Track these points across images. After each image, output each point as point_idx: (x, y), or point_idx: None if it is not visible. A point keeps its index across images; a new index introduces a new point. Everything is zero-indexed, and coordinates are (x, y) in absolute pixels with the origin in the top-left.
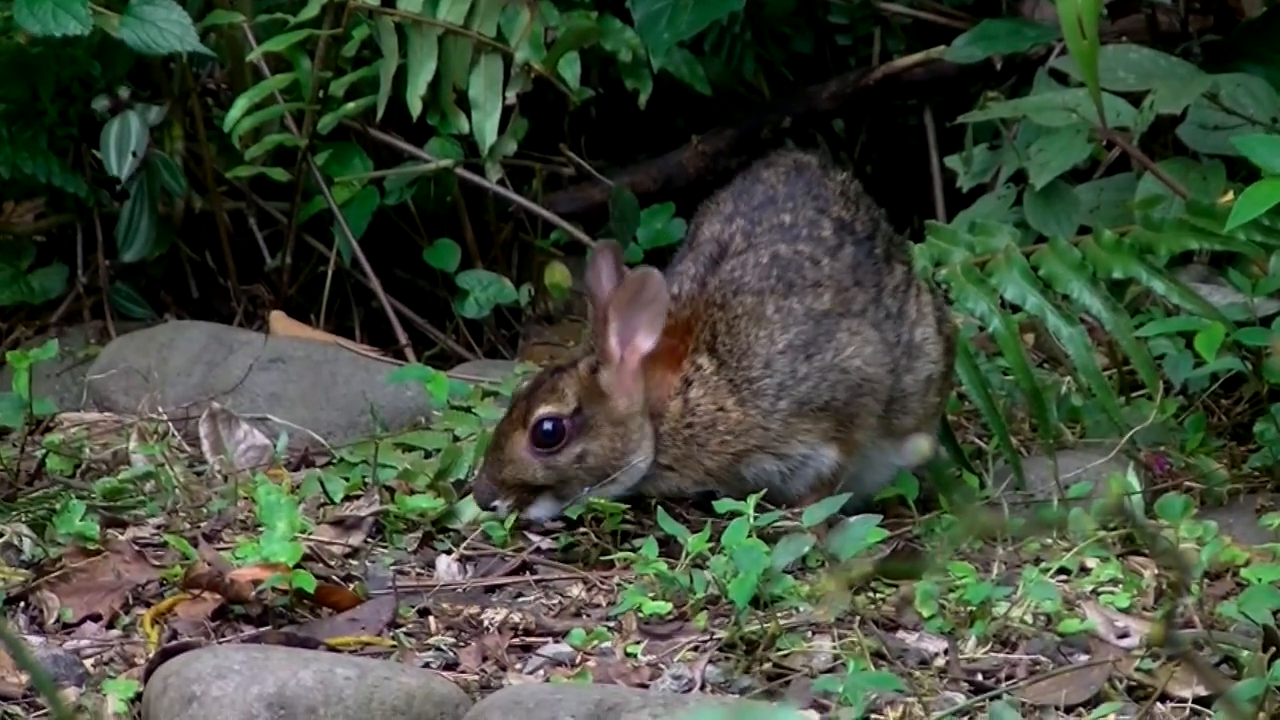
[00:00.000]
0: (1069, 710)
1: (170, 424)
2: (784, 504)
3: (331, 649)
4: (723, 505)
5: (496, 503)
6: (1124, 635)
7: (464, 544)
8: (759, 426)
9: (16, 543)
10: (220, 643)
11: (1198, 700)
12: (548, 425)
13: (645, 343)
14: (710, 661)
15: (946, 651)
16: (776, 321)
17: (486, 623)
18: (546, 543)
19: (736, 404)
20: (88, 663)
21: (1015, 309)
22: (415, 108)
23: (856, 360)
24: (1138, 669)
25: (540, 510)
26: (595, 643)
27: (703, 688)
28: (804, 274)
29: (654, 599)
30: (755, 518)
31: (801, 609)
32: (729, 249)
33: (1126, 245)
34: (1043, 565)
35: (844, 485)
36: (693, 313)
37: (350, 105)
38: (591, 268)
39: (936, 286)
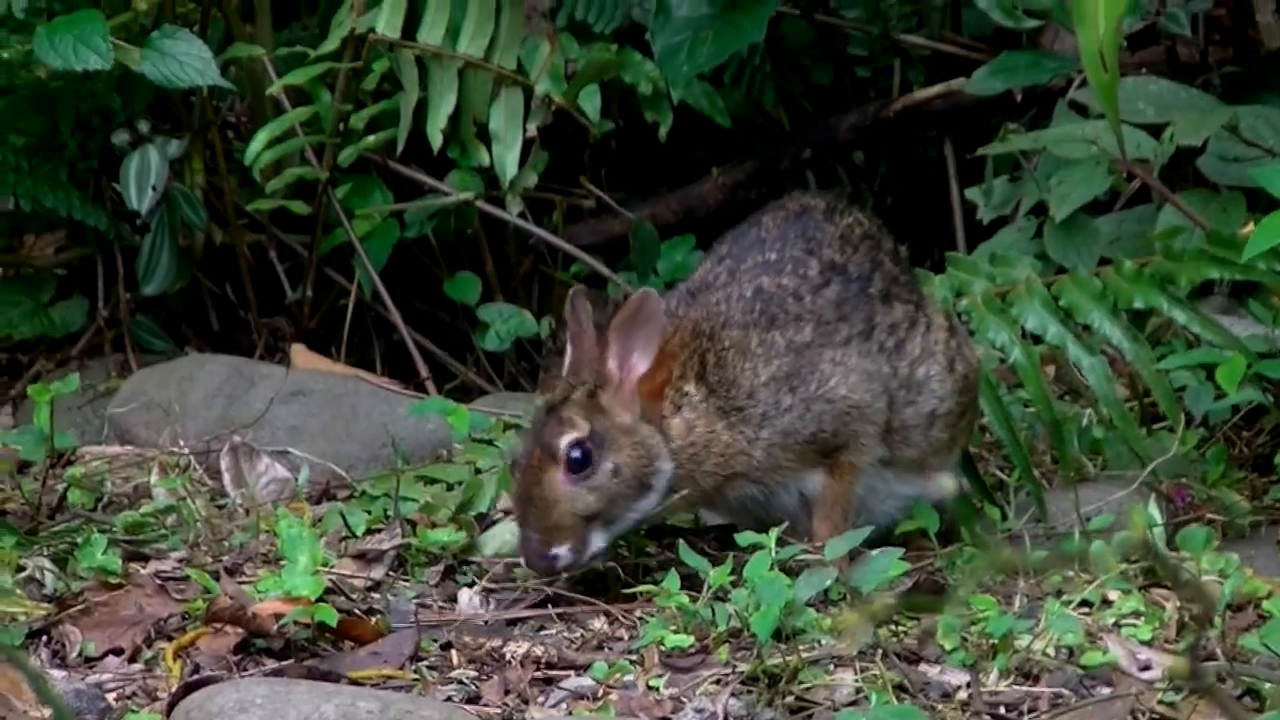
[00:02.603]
0: None
1: (191, 457)
2: (780, 525)
3: (354, 682)
4: (744, 538)
5: (556, 551)
6: (1146, 668)
7: (486, 577)
8: (744, 453)
9: (39, 576)
10: (242, 676)
11: None
12: (576, 452)
13: (641, 362)
14: (732, 694)
15: (969, 684)
16: (759, 354)
17: (509, 656)
18: (568, 576)
19: (726, 428)
20: (110, 697)
21: (1036, 340)
22: (436, 140)
23: (842, 389)
24: (1160, 702)
25: (598, 542)
26: (617, 676)
27: None
28: (785, 308)
29: (676, 632)
30: (777, 551)
31: (824, 642)
32: (713, 284)
33: (1147, 275)
34: (1065, 598)
35: (849, 513)
36: (678, 341)
37: (371, 138)
38: (572, 312)
39: (954, 329)
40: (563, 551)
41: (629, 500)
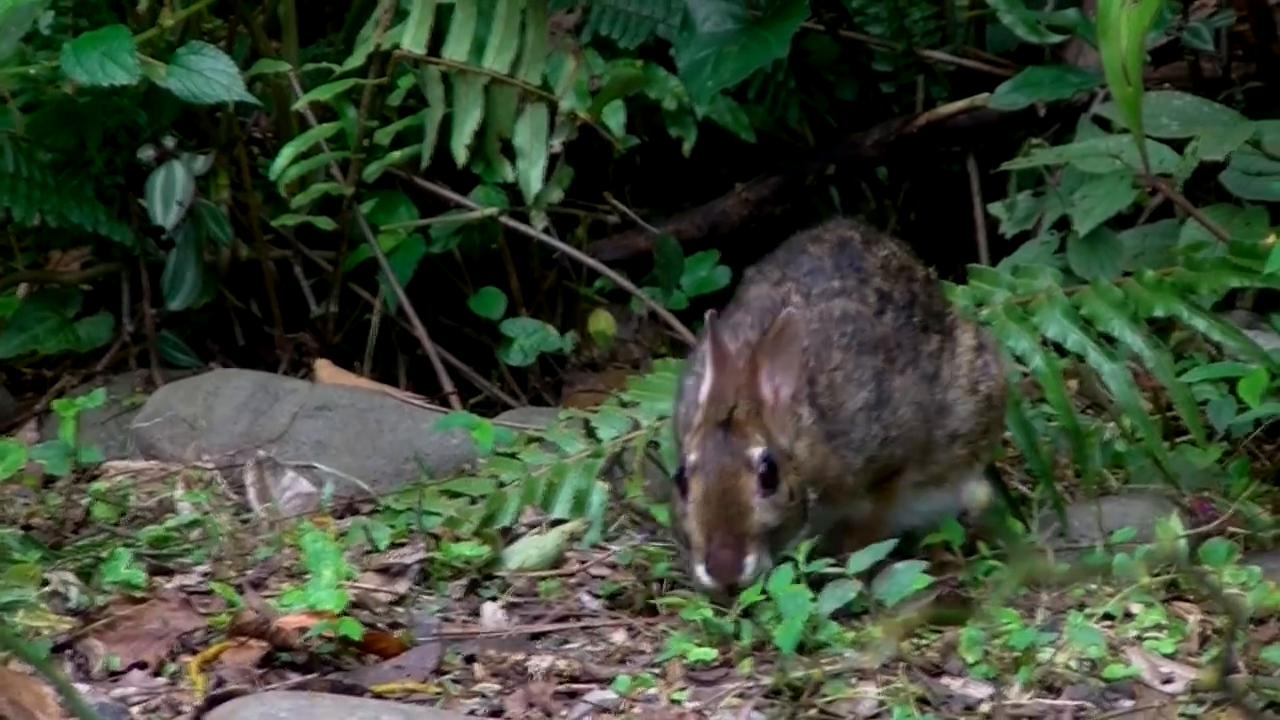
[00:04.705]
0: None
1: (216, 472)
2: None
3: (378, 696)
4: None
5: (747, 560)
6: (1169, 680)
7: (510, 591)
8: (842, 478)
9: (63, 591)
10: (267, 690)
11: None
12: (764, 466)
13: (789, 384)
14: (755, 708)
15: (992, 697)
16: (857, 378)
17: (532, 669)
18: (591, 589)
19: (832, 452)
20: (134, 711)
21: (1060, 351)
22: (461, 156)
23: (908, 414)
24: (1182, 714)
25: (769, 563)
26: (640, 689)
27: None
28: (866, 333)
29: (699, 645)
30: (800, 564)
31: (847, 655)
32: (788, 303)
33: (1168, 285)
34: (1087, 611)
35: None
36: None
37: (396, 154)
38: (710, 336)
39: (983, 346)
40: (751, 561)
41: (795, 525)
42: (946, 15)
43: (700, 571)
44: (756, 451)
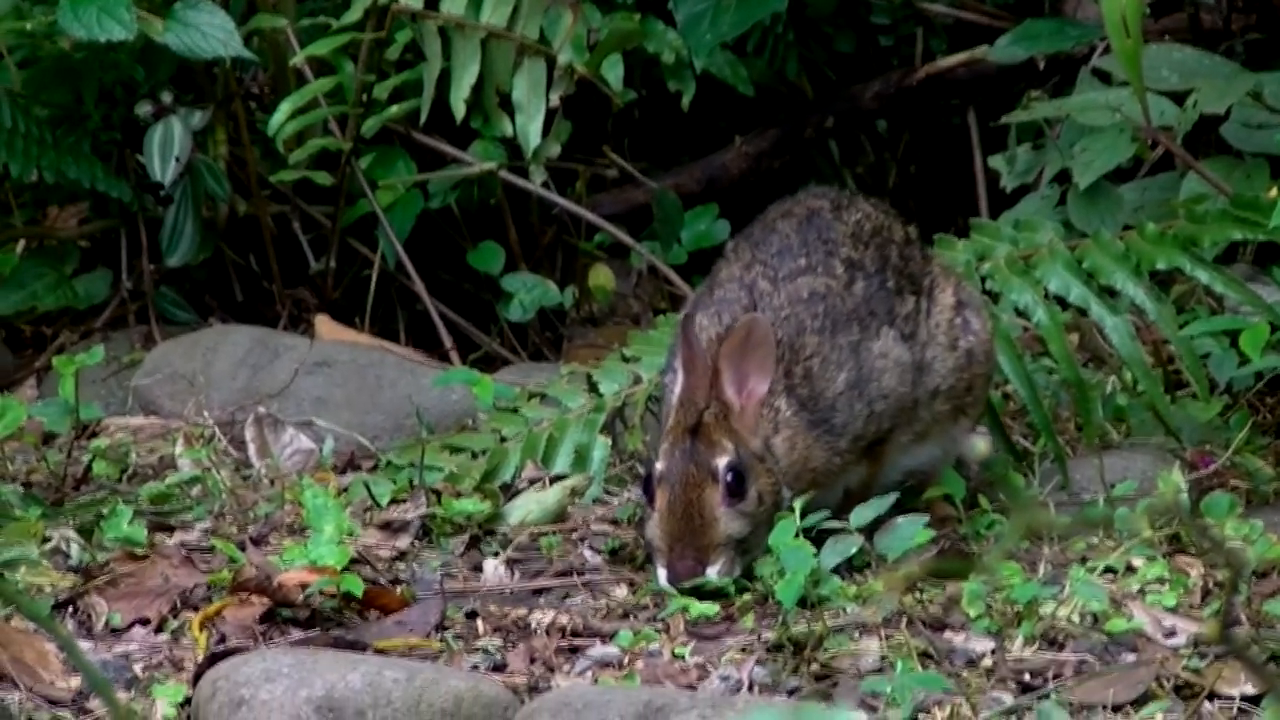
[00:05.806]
0: (1116, 709)
1: (216, 428)
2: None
3: (379, 652)
4: None
5: (709, 571)
6: (1171, 634)
7: (511, 546)
8: (828, 462)
9: (64, 548)
10: (268, 646)
11: (1245, 699)
12: (730, 475)
13: (760, 386)
14: (758, 662)
15: (994, 651)
16: (834, 361)
17: (534, 625)
18: (593, 544)
19: (815, 440)
20: (136, 667)
21: (1062, 304)
22: (459, 111)
23: (891, 381)
24: (1185, 668)
25: (738, 570)
26: (643, 644)
27: (750, 689)
28: (837, 309)
29: (701, 600)
30: (802, 519)
31: (849, 609)
32: (754, 290)
33: (1170, 237)
34: (1089, 564)
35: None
36: None
37: (394, 108)
38: (683, 338)
39: (963, 303)
40: (714, 572)
41: (767, 528)
42: None
43: (662, 578)
44: (722, 461)
